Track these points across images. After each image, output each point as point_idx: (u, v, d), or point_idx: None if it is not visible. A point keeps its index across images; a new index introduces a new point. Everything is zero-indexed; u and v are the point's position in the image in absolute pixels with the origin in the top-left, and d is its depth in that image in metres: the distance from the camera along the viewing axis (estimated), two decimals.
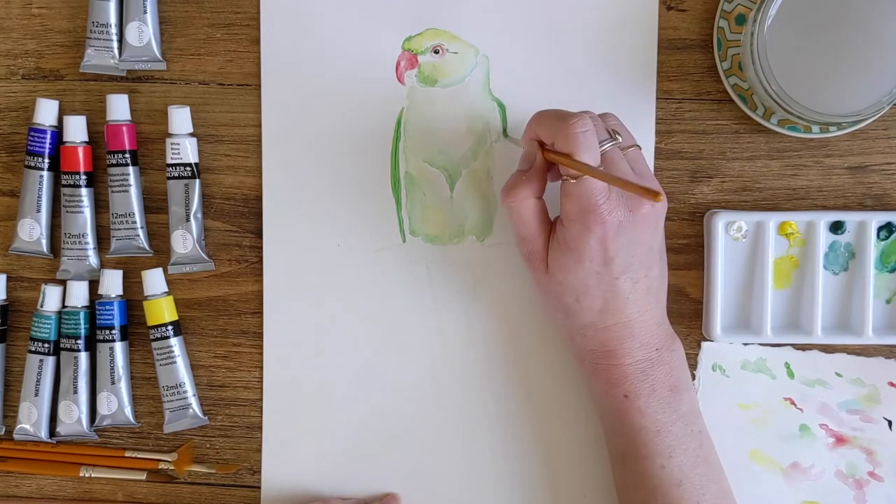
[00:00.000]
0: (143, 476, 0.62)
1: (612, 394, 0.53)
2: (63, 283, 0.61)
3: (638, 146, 0.54)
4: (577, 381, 0.60)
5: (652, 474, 0.52)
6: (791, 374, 0.60)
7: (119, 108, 0.60)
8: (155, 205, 0.61)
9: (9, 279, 0.62)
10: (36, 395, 0.60)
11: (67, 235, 0.60)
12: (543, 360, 0.60)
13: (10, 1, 0.61)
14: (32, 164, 0.60)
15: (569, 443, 0.60)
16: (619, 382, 0.53)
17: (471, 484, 0.61)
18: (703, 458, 0.54)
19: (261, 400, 0.61)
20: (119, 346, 0.60)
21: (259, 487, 0.62)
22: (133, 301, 0.61)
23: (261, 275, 0.61)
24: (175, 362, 0.60)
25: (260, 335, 0.61)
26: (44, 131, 0.60)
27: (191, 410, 0.61)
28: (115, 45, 0.60)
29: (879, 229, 0.58)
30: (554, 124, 0.51)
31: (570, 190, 0.50)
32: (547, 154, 0.52)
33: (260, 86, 0.60)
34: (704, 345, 0.60)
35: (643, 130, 0.59)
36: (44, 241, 0.61)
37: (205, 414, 0.62)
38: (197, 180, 0.60)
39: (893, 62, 0.52)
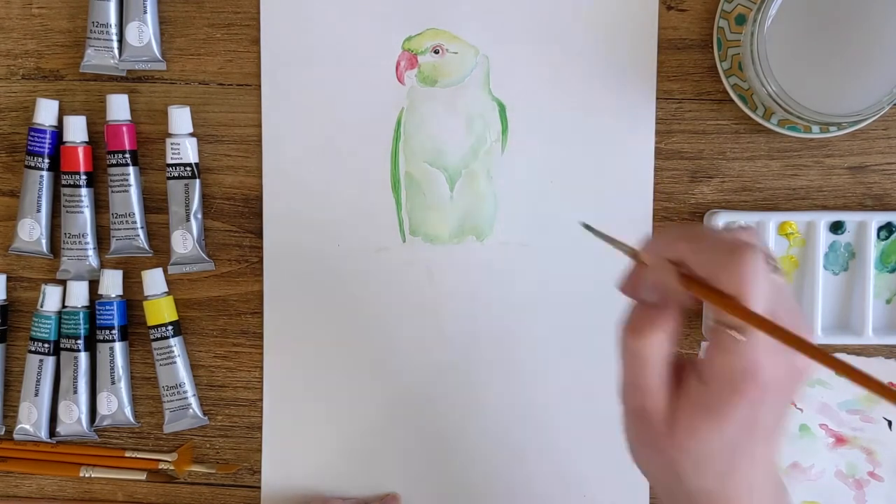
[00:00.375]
0: (143, 476, 0.62)
1: None
2: (63, 283, 0.61)
3: (778, 268, 0.41)
4: (577, 380, 0.60)
5: None
6: None
7: (119, 108, 0.60)
8: (155, 205, 0.61)
9: (9, 279, 0.62)
10: (36, 395, 0.60)
11: (67, 235, 0.60)
12: (543, 360, 0.60)
13: (10, 1, 0.61)
14: (32, 164, 0.60)
15: (569, 442, 0.60)
16: None
17: (470, 484, 0.61)
18: None
19: (261, 400, 0.61)
20: (119, 346, 0.60)
21: (259, 487, 0.62)
22: (133, 301, 0.61)
23: (261, 275, 0.61)
24: (175, 362, 0.60)
25: (260, 335, 0.61)
26: (44, 131, 0.60)
27: (191, 410, 0.61)
28: (115, 45, 0.60)
29: (879, 229, 0.58)
30: (718, 255, 0.39)
31: (723, 343, 0.39)
32: (691, 285, 0.39)
33: (260, 86, 0.60)
34: (704, 345, 0.60)
35: (643, 130, 0.59)
36: (44, 241, 0.61)
37: (205, 414, 0.62)
38: (197, 180, 0.60)
39: (893, 62, 0.52)
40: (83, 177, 0.60)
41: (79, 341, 0.60)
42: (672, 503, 0.45)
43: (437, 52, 0.59)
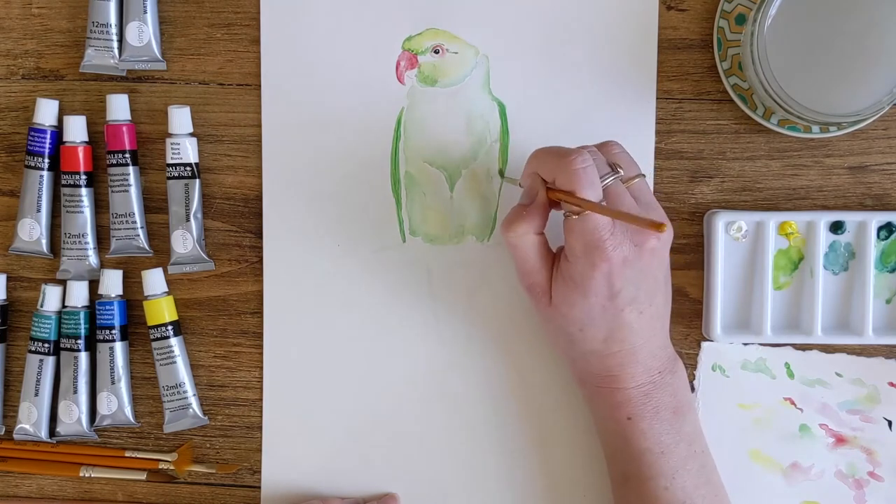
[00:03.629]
0: (143, 476, 0.62)
1: (615, 416, 0.53)
2: (63, 283, 0.61)
3: (642, 175, 0.53)
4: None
5: (655, 496, 0.52)
6: (791, 374, 0.60)
7: (119, 108, 0.60)
8: (155, 205, 0.61)
9: (9, 279, 0.62)
10: (36, 395, 0.60)
11: (67, 235, 0.60)
12: (543, 360, 0.60)
13: (10, 1, 0.61)
14: (32, 164, 0.60)
15: (568, 442, 0.60)
16: (621, 405, 0.53)
17: (470, 484, 0.61)
18: (706, 478, 0.54)
19: (261, 400, 0.61)
20: (119, 346, 0.60)
21: (259, 487, 0.62)
22: (133, 301, 0.61)
23: (261, 275, 0.61)
24: (175, 362, 0.60)
25: (260, 335, 0.61)
26: (44, 131, 0.60)
27: (191, 410, 0.61)
28: (115, 45, 0.60)
29: (879, 229, 0.58)
30: (553, 161, 0.51)
31: (573, 226, 0.50)
32: (550, 192, 0.52)
33: (260, 86, 0.60)
34: (704, 345, 0.60)
35: (643, 130, 0.59)
36: (44, 241, 0.61)
37: (205, 414, 0.62)
38: (197, 180, 0.60)
39: (893, 62, 0.52)
40: (83, 177, 0.60)
41: (79, 341, 0.60)
42: (572, 365, 0.55)
43: (437, 52, 0.59)
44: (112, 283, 0.60)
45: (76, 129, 0.60)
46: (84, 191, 0.60)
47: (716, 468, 0.55)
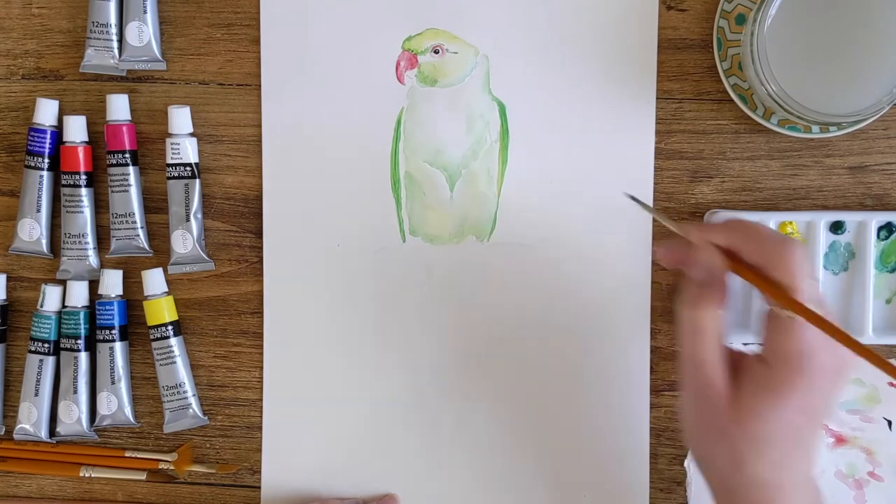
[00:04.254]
0: (143, 476, 0.62)
1: None
2: (63, 283, 0.61)
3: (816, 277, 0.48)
4: (577, 380, 0.60)
5: None
6: None
7: (119, 108, 0.60)
8: (155, 205, 0.61)
9: (9, 279, 0.62)
10: (36, 395, 0.60)
11: (67, 235, 0.60)
12: (543, 360, 0.60)
13: (10, 1, 0.61)
14: (32, 164, 0.60)
15: (568, 442, 0.60)
16: None
17: (470, 484, 0.61)
18: None
19: (261, 400, 0.61)
20: (119, 346, 0.60)
21: (259, 487, 0.62)
22: (133, 301, 0.61)
23: (261, 275, 0.61)
24: (175, 362, 0.60)
25: (260, 335, 0.61)
26: (44, 131, 0.60)
27: (191, 410, 0.61)
28: (115, 45, 0.60)
29: (879, 229, 0.58)
30: (770, 246, 0.44)
31: (788, 328, 0.43)
32: (761, 283, 0.44)
33: (260, 86, 0.60)
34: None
35: (643, 130, 0.59)
36: (44, 241, 0.61)
37: (205, 414, 0.62)
38: (197, 180, 0.60)
39: (893, 62, 0.52)
40: (83, 177, 0.60)
41: (79, 341, 0.60)
42: (723, 495, 0.46)
43: (437, 52, 0.59)
44: (112, 283, 0.60)
45: (76, 129, 0.60)
46: (84, 191, 0.60)
47: None
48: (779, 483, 0.44)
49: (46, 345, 0.60)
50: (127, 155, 0.60)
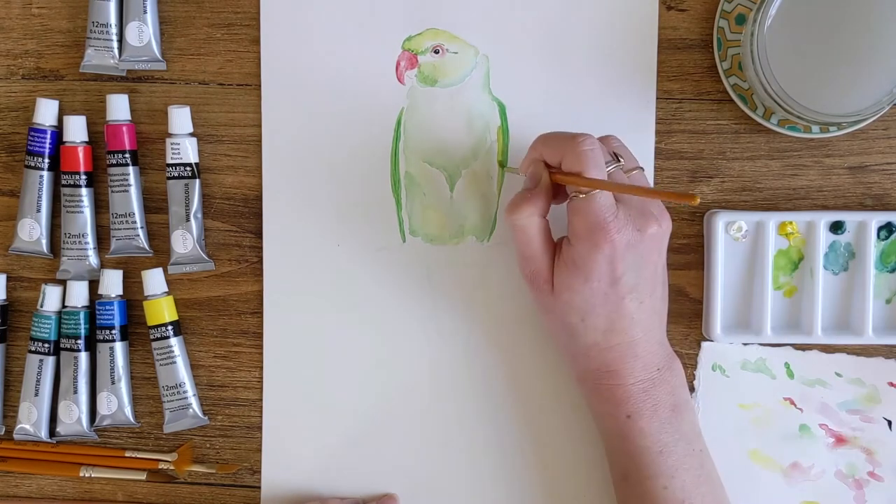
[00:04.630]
0: (143, 476, 0.62)
1: (615, 414, 0.53)
2: (63, 283, 0.61)
3: (641, 168, 0.54)
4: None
5: (655, 495, 0.52)
6: (791, 374, 0.60)
7: (119, 108, 0.60)
8: (155, 205, 0.61)
9: (9, 279, 0.62)
10: (36, 395, 0.60)
11: (67, 235, 0.60)
12: (543, 360, 0.60)
13: (10, 1, 0.61)
14: (32, 164, 0.60)
15: (567, 441, 0.60)
16: (621, 403, 0.53)
17: (469, 484, 0.61)
18: (706, 477, 0.54)
19: (261, 400, 0.61)
20: (119, 346, 0.60)
21: (259, 487, 0.62)
22: (133, 301, 0.61)
23: (261, 275, 0.61)
24: (175, 362, 0.60)
25: (260, 335, 0.61)
26: (44, 131, 0.60)
27: (191, 410, 0.61)
28: (115, 45, 0.60)
29: (879, 229, 0.58)
30: (560, 144, 0.51)
31: (578, 206, 0.50)
32: (554, 176, 0.52)
33: (260, 86, 0.60)
34: (704, 345, 0.60)
35: (643, 130, 0.59)
36: (44, 241, 0.61)
37: (205, 414, 0.62)
38: (197, 180, 0.60)
39: (893, 62, 0.52)
40: (83, 177, 0.60)
41: (79, 341, 0.60)
42: (572, 362, 0.55)
43: (437, 52, 0.59)
44: (112, 283, 0.60)
45: (76, 129, 0.60)
46: (84, 191, 0.60)
47: (715, 467, 0.55)
48: (609, 347, 0.52)
49: (46, 345, 0.60)
50: (127, 155, 0.60)
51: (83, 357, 0.60)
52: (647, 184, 0.54)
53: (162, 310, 0.60)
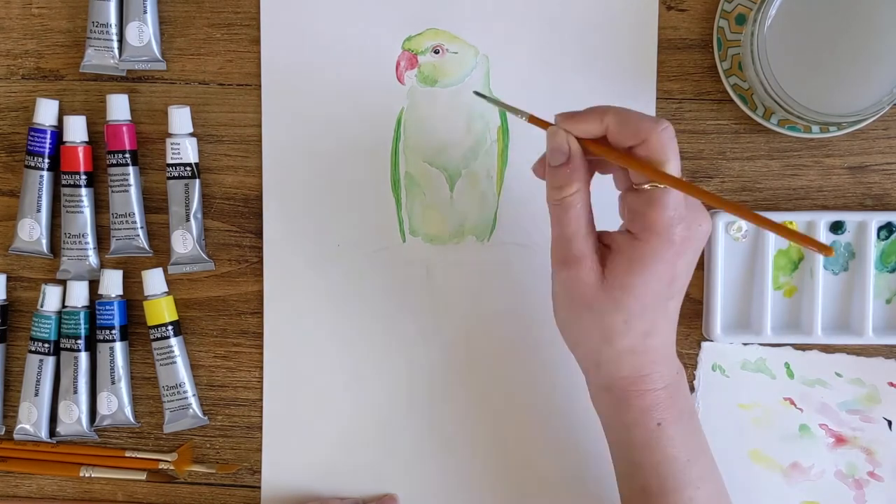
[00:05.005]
0: (143, 476, 0.62)
1: (645, 422, 0.49)
2: (63, 283, 0.61)
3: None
4: (576, 380, 0.60)
5: None
6: (791, 374, 0.60)
7: (119, 108, 0.60)
8: (155, 205, 0.61)
9: (9, 279, 0.62)
10: (36, 395, 0.60)
11: (67, 235, 0.60)
12: (543, 360, 0.60)
13: (10, 1, 0.61)
14: (32, 164, 0.60)
15: (567, 442, 0.60)
16: (651, 410, 0.49)
17: (470, 484, 0.61)
18: (722, 488, 0.52)
19: (261, 400, 0.61)
20: (119, 346, 0.60)
21: (259, 487, 0.62)
22: (133, 301, 0.61)
23: (261, 275, 0.61)
24: (175, 362, 0.60)
25: (260, 335, 0.61)
26: (44, 131, 0.60)
27: (191, 410, 0.61)
28: (115, 45, 0.60)
29: (879, 229, 0.58)
30: (643, 125, 0.46)
31: (655, 199, 0.46)
32: (625, 158, 0.47)
33: (260, 86, 0.60)
34: (704, 345, 0.60)
35: None
36: (44, 241, 0.61)
37: (205, 414, 0.62)
38: (197, 180, 0.60)
39: (893, 62, 0.52)
40: (83, 177, 0.60)
41: (79, 341, 0.60)
42: (596, 370, 0.50)
43: (437, 52, 0.59)
44: (112, 283, 0.60)
45: (76, 129, 0.60)
46: (84, 191, 0.60)
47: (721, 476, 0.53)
48: (645, 350, 0.48)
49: (46, 345, 0.60)
50: (127, 155, 0.60)
51: (83, 357, 0.60)
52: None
53: (162, 310, 0.60)
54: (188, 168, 0.60)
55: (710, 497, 0.50)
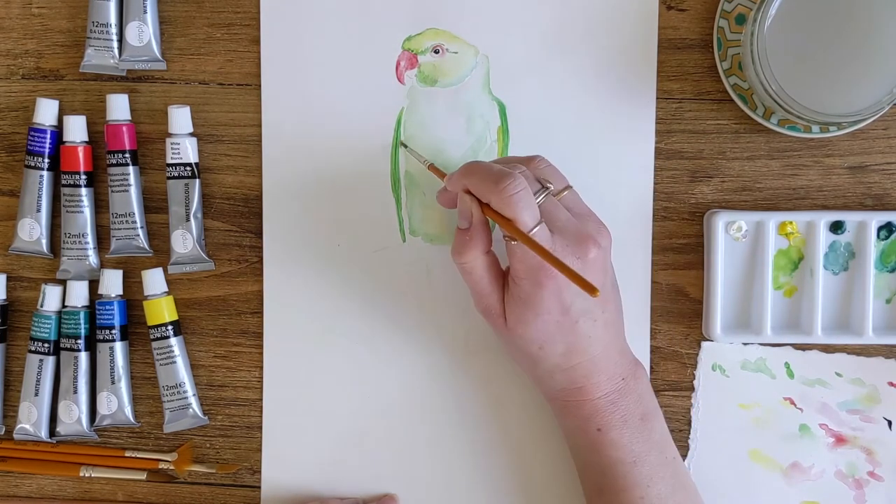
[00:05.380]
0: (143, 476, 0.62)
1: (585, 429, 0.53)
2: (63, 282, 0.61)
3: (570, 187, 0.53)
4: None
5: None
6: (791, 374, 0.60)
7: (119, 107, 0.60)
8: (155, 205, 0.61)
9: (9, 279, 0.62)
10: (36, 394, 0.60)
11: (67, 235, 0.60)
12: None
13: (10, 1, 0.61)
14: (32, 164, 0.60)
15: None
16: (590, 417, 0.53)
17: (469, 484, 0.61)
18: (681, 484, 0.54)
19: (261, 400, 0.61)
20: (119, 346, 0.60)
21: (259, 487, 0.62)
22: (133, 301, 0.61)
23: (261, 275, 0.61)
24: (175, 362, 0.60)
25: (260, 335, 0.61)
26: (44, 131, 0.60)
27: (191, 410, 0.61)
28: (115, 45, 0.60)
29: (879, 229, 0.58)
30: (487, 186, 0.50)
31: (514, 251, 0.50)
32: (486, 211, 0.51)
33: (260, 86, 0.60)
34: (704, 345, 0.60)
35: (643, 130, 0.59)
36: (44, 241, 0.61)
37: (205, 414, 0.62)
38: (197, 180, 0.60)
39: (893, 62, 0.52)
40: (83, 177, 0.60)
41: (79, 341, 0.60)
42: (538, 384, 0.55)
43: (437, 51, 0.59)
44: (112, 283, 0.60)
45: (76, 129, 0.60)
46: (84, 191, 0.60)
47: (688, 474, 0.55)
48: (572, 367, 0.52)
49: (46, 345, 0.60)
50: (127, 155, 0.60)
51: (83, 357, 0.60)
52: (579, 203, 0.53)
53: (162, 310, 0.60)
54: (188, 168, 0.60)
55: (660, 496, 0.52)
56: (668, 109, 0.59)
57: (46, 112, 0.60)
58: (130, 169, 0.60)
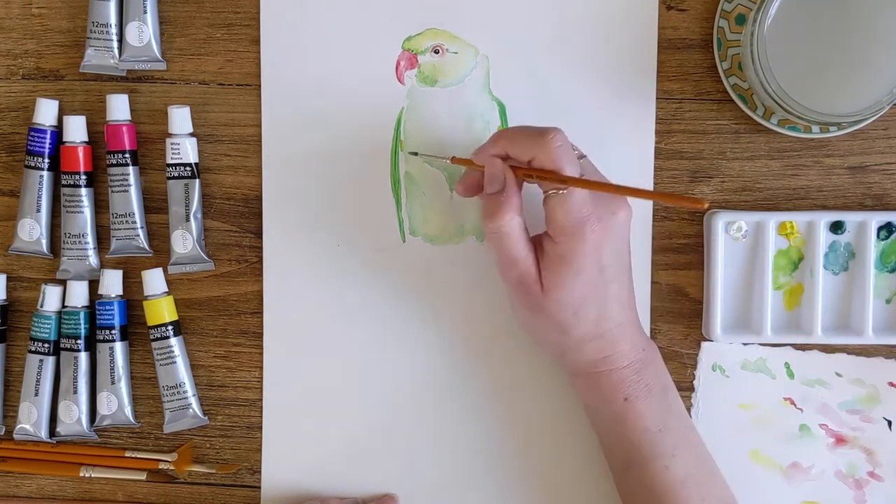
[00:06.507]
0: (143, 476, 0.62)
1: (612, 399, 0.54)
2: (63, 283, 0.61)
3: (585, 156, 0.55)
4: None
5: (658, 477, 0.53)
6: (791, 374, 0.60)
7: (119, 108, 0.60)
8: (155, 205, 0.61)
9: (9, 279, 0.62)
10: (36, 395, 0.60)
11: (67, 235, 0.60)
12: (543, 360, 0.60)
13: (10, 1, 0.61)
14: (32, 164, 0.60)
15: (569, 441, 0.60)
16: (618, 386, 0.53)
17: (469, 484, 0.61)
18: (701, 454, 0.55)
19: (261, 400, 0.61)
20: (119, 346, 0.60)
21: (259, 487, 0.62)
22: (133, 301, 0.61)
23: (261, 275, 0.61)
24: (175, 362, 0.60)
25: (260, 335, 0.61)
26: (44, 131, 0.60)
27: (191, 410, 0.61)
28: (115, 45, 0.60)
29: (879, 229, 0.58)
30: (532, 140, 0.51)
31: (559, 202, 0.51)
32: (524, 172, 0.52)
33: (260, 86, 0.60)
34: (704, 345, 0.60)
35: (643, 130, 0.59)
36: (44, 241, 0.61)
37: (205, 414, 0.62)
38: (197, 180, 0.60)
39: (893, 62, 0.52)
40: (83, 177, 0.60)
41: (79, 341, 0.60)
42: (564, 359, 0.55)
43: (437, 52, 0.59)
44: (112, 283, 0.60)
45: (76, 129, 0.60)
46: (84, 191, 0.60)
47: (706, 446, 0.56)
48: (601, 333, 0.53)
49: (46, 345, 0.60)
50: (127, 155, 0.60)
51: (83, 357, 0.60)
52: (596, 172, 0.54)
53: (162, 310, 0.60)
54: (188, 168, 0.60)
55: (686, 464, 0.53)
56: (668, 109, 0.59)
57: (46, 112, 0.60)
58: (130, 169, 0.60)
